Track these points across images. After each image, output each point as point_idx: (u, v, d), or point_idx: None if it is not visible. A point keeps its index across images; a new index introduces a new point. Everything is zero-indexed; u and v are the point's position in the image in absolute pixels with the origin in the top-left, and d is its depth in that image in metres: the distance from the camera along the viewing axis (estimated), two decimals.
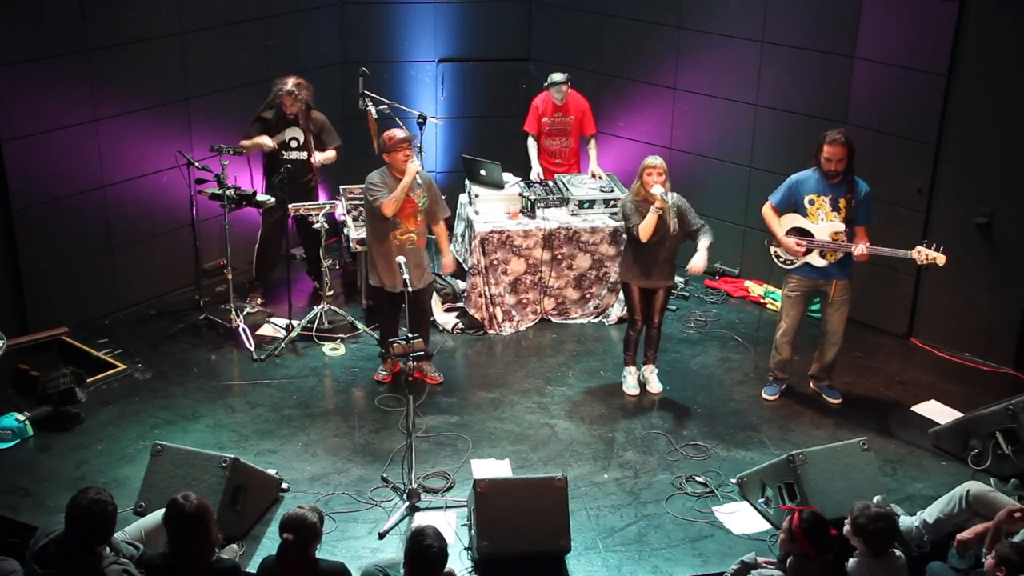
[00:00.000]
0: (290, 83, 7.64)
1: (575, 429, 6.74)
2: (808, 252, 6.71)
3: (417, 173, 6.77)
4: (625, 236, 7.09)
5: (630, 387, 7.15)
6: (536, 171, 8.52)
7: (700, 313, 8.26)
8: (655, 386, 7.13)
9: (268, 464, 6.17)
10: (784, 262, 6.84)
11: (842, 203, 6.61)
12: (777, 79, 8.18)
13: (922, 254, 6.41)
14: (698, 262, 6.75)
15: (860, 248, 6.52)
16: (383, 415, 6.81)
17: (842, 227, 6.62)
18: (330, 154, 7.94)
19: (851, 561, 4.91)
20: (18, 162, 7.11)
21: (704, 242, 6.78)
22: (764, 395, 7.09)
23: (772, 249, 6.89)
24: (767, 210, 6.85)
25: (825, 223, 6.65)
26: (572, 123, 8.52)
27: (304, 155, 7.84)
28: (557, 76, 8.33)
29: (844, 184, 6.59)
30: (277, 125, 7.75)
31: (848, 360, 7.44)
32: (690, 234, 6.84)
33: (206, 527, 4.53)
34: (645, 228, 6.70)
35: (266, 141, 7.68)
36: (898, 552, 4.95)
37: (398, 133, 6.87)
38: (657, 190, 6.62)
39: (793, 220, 6.76)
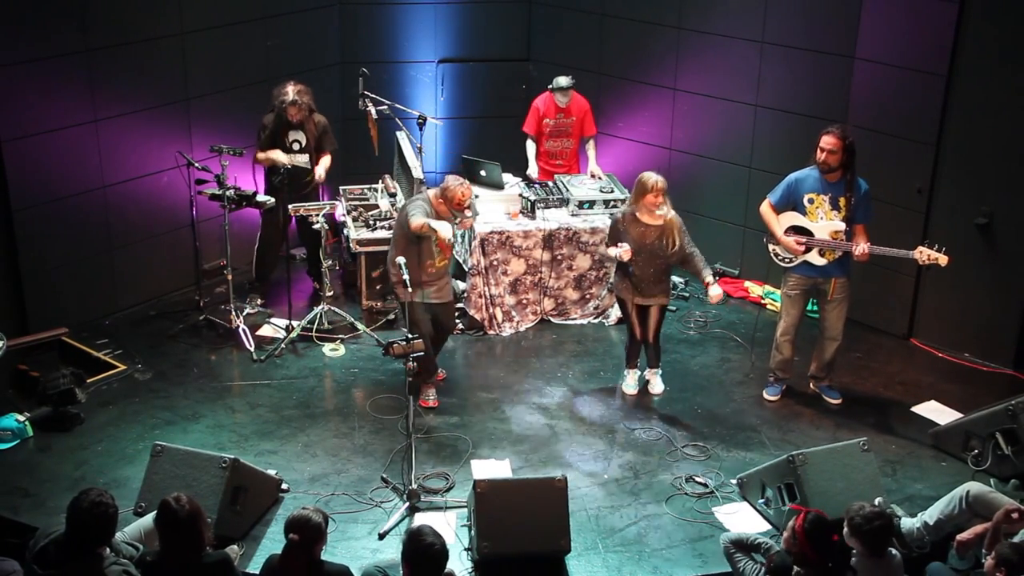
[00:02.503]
0: (291, 93, 7.59)
1: (575, 429, 6.74)
2: (808, 251, 6.71)
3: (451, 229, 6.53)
4: None
5: (629, 386, 7.16)
6: (532, 170, 8.52)
7: (700, 313, 8.26)
8: (657, 387, 7.13)
9: (268, 464, 6.17)
10: (783, 260, 6.84)
11: (842, 202, 6.60)
12: (777, 79, 8.18)
13: (924, 254, 6.40)
14: (715, 292, 6.69)
15: (861, 248, 6.52)
16: (383, 415, 6.80)
17: (842, 226, 6.61)
18: (327, 161, 7.93)
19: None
20: (18, 162, 7.11)
21: (707, 274, 6.73)
22: (766, 396, 7.09)
23: (771, 247, 6.89)
24: (765, 208, 6.85)
25: (824, 222, 6.65)
26: (574, 124, 8.52)
27: (306, 157, 7.84)
28: (563, 81, 8.30)
29: (844, 183, 6.59)
30: (279, 130, 7.75)
31: (848, 360, 7.44)
32: (683, 258, 6.79)
33: (197, 528, 4.53)
34: (603, 255, 7.00)
35: (280, 158, 7.68)
36: (895, 552, 4.95)
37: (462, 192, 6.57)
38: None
39: (792, 219, 6.75)
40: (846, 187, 6.58)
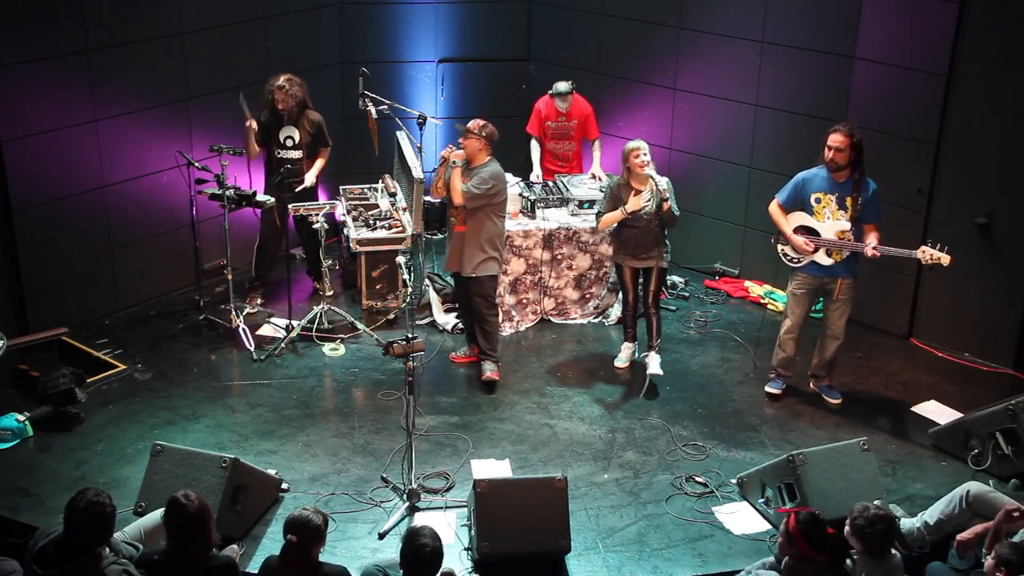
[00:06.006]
0: (281, 79, 7.65)
1: (575, 429, 6.74)
2: (816, 251, 6.70)
3: (455, 160, 6.85)
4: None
5: (620, 359, 7.31)
6: (536, 173, 8.54)
7: (700, 313, 8.26)
8: (655, 368, 7.05)
9: (268, 464, 6.17)
10: (791, 260, 6.84)
11: (849, 201, 6.60)
12: (777, 79, 8.18)
13: (927, 254, 6.40)
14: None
15: (871, 248, 6.51)
16: (383, 415, 6.81)
17: (848, 226, 6.61)
18: (319, 164, 7.95)
19: (850, 561, 4.92)
20: (18, 162, 7.11)
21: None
22: (768, 389, 7.08)
23: (779, 247, 6.88)
24: (774, 208, 6.85)
25: (831, 222, 6.65)
26: (575, 127, 8.53)
27: (299, 154, 7.84)
28: (562, 86, 8.30)
29: (851, 182, 6.59)
30: (272, 126, 7.75)
31: (848, 360, 7.44)
32: (662, 217, 6.97)
33: (206, 526, 4.53)
34: (606, 220, 7.06)
35: (251, 124, 7.62)
36: (896, 552, 4.95)
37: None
38: (659, 181, 6.82)
39: (800, 219, 6.76)
40: (853, 186, 6.58)
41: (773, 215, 6.87)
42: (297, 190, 7.81)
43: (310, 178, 7.88)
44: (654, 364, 7.11)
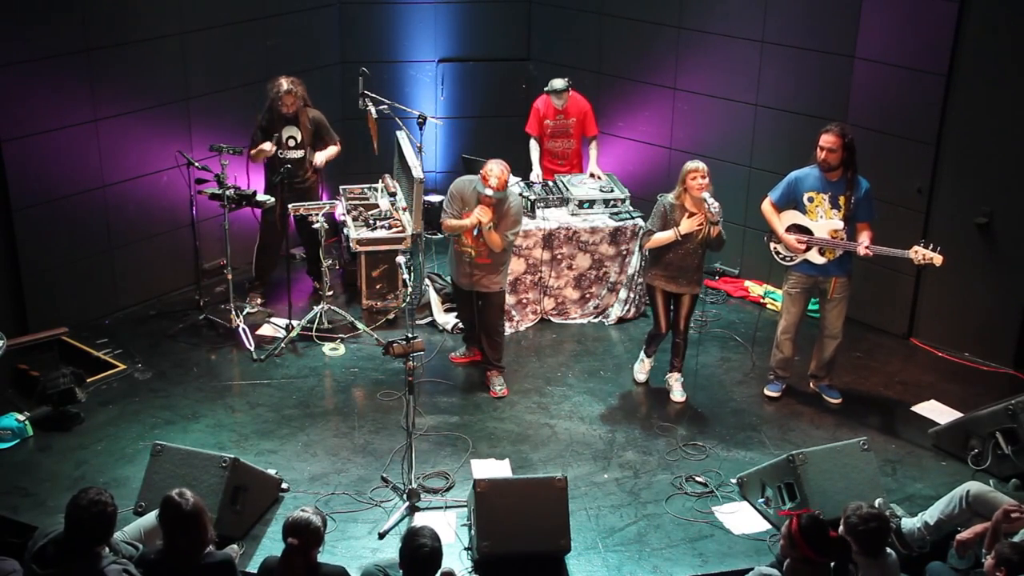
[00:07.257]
0: (285, 83, 7.64)
1: (575, 429, 6.74)
2: (808, 249, 6.71)
3: (491, 225, 6.73)
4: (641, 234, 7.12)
5: (638, 372, 7.26)
6: (536, 173, 8.54)
7: (700, 313, 8.23)
8: (678, 395, 7.08)
9: (268, 464, 6.17)
10: (783, 259, 6.85)
11: (842, 200, 6.61)
12: (777, 79, 8.18)
13: (919, 254, 6.41)
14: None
15: (863, 247, 6.52)
16: (383, 415, 6.81)
17: (841, 225, 6.62)
18: (332, 151, 7.95)
19: (852, 566, 4.91)
20: (18, 162, 7.11)
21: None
22: (767, 392, 7.08)
23: (772, 246, 6.89)
24: (767, 206, 6.86)
25: (824, 220, 6.66)
26: (573, 125, 8.53)
27: (302, 153, 7.84)
28: (558, 83, 8.30)
29: (844, 181, 6.60)
30: (274, 126, 7.76)
31: (848, 360, 7.44)
32: (710, 242, 6.77)
33: (201, 524, 4.53)
34: (656, 240, 6.76)
35: (266, 147, 7.68)
36: (891, 552, 4.95)
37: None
38: (711, 204, 6.52)
39: (792, 217, 6.76)
40: (846, 186, 6.59)
41: (766, 214, 6.87)
42: (307, 184, 7.83)
43: (319, 158, 7.86)
44: (677, 390, 7.09)
